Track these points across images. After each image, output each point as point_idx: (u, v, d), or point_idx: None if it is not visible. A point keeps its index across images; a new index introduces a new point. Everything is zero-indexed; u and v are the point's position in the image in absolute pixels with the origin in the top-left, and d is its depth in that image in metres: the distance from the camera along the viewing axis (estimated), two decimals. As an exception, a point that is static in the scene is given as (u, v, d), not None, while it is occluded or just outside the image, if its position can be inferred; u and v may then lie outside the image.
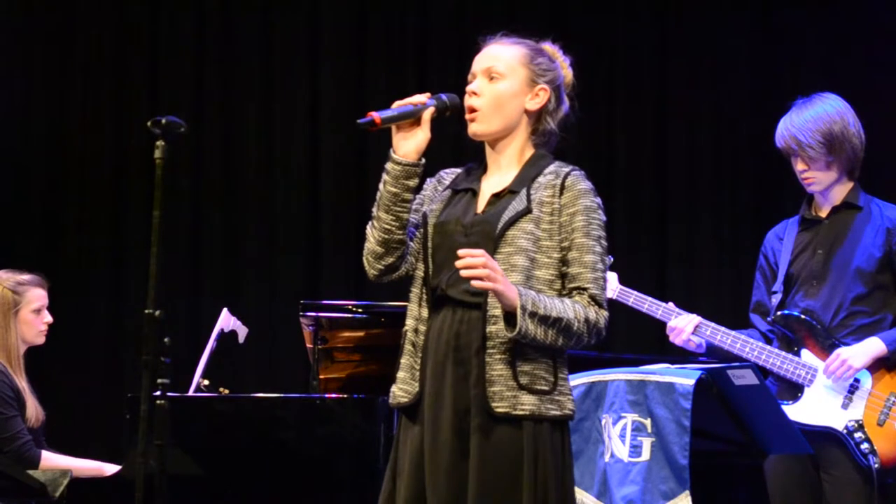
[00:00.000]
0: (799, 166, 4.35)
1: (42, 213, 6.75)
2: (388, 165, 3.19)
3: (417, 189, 3.24)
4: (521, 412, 3.08)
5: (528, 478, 3.07)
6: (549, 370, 3.13)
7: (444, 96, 3.23)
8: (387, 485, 3.21)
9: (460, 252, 3.03)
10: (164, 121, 3.17)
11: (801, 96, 4.39)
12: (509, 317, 3.05)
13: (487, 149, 3.28)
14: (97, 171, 6.75)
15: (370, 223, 3.22)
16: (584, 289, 3.13)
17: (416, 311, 3.21)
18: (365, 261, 3.24)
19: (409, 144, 3.18)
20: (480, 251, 3.02)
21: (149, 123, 3.19)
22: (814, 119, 4.29)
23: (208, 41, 6.79)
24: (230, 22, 6.80)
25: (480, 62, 3.26)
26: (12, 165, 6.74)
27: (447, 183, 3.30)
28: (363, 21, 6.77)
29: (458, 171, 3.32)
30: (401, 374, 3.19)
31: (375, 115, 3.14)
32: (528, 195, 3.16)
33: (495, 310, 3.10)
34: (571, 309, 3.10)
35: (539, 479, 3.07)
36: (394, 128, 3.20)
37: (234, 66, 6.79)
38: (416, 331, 3.19)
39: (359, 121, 3.15)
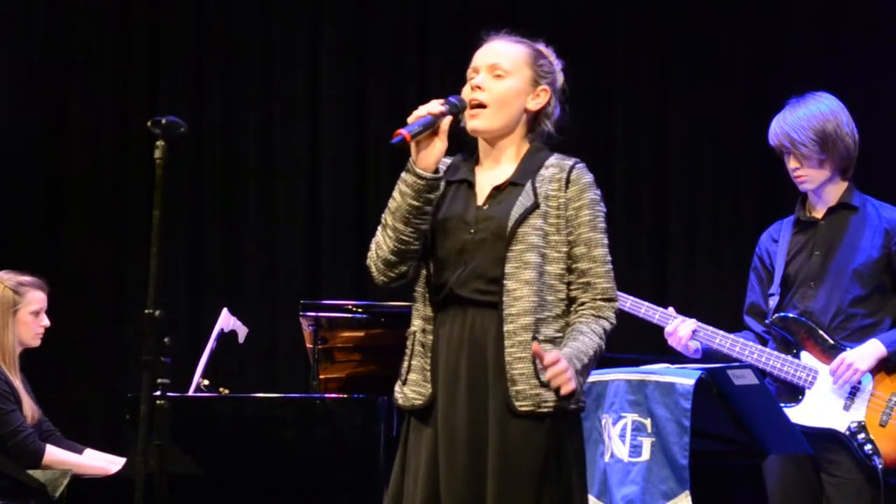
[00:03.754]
0: (791, 164, 4.35)
1: (42, 214, 6.75)
2: (410, 179, 3.12)
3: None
4: (544, 409, 3.09)
5: (552, 471, 3.08)
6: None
7: (454, 99, 3.18)
8: (394, 484, 3.20)
9: (550, 370, 3.01)
10: (164, 121, 3.17)
11: (795, 95, 4.40)
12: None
13: (482, 143, 3.27)
14: (97, 172, 6.75)
15: (381, 231, 3.17)
16: (597, 284, 3.16)
17: (423, 311, 3.19)
18: (374, 267, 3.19)
19: (430, 156, 3.13)
20: (565, 364, 3.02)
21: (149, 123, 3.19)
22: (807, 117, 4.30)
23: (209, 41, 6.79)
24: (230, 22, 6.80)
25: (485, 57, 3.24)
26: (12, 166, 6.74)
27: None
28: (363, 21, 6.77)
29: (445, 160, 3.24)
30: (413, 376, 3.17)
31: (405, 133, 3.08)
32: (535, 189, 3.17)
33: (511, 308, 3.10)
34: (597, 335, 3.13)
35: (563, 471, 3.10)
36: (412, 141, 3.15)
37: (235, 66, 6.79)
38: (423, 331, 3.18)
39: (392, 141, 3.07)
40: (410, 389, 3.18)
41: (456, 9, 6.69)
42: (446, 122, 3.14)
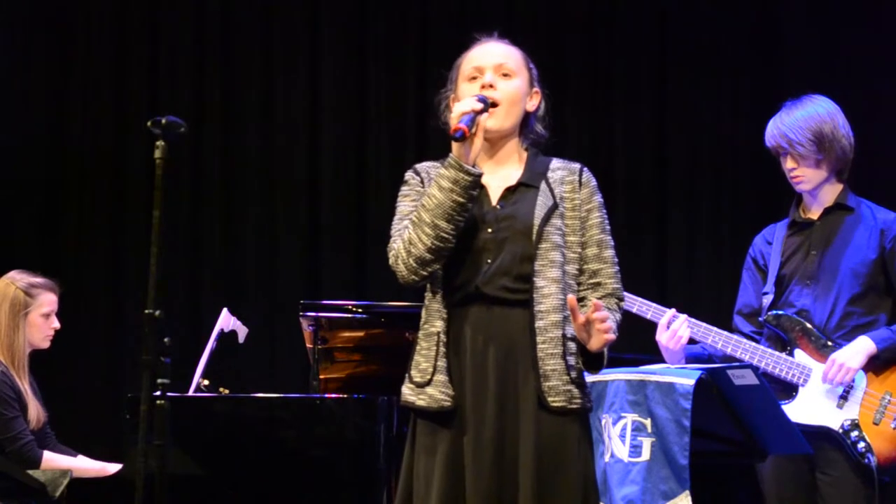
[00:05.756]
0: (788, 164, 4.37)
1: (42, 213, 6.75)
2: (458, 176, 3.10)
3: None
4: (574, 405, 3.15)
5: (575, 462, 3.14)
6: (581, 362, 3.20)
7: (483, 98, 3.19)
8: (403, 487, 3.20)
9: (596, 314, 3.07)
10: (164, 121, 3.18)
11: (792, 98, 4.42)
12: (589, 352, 3.15)
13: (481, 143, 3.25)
14: (97, 171, 6.75)
15: (414, 229, 3.13)
16: (607, 285, 3.23)
17: (442, 311, 3.19)
18: (403, 266, 3.15)
19: (472, 153, 3.14)
20: (607, 313, 3.10)
21: (149, 123, 3.19)
22: (804, 118, 4.33)
23: (208, 41, 6.79)
24: (230, 22, 6.80)
25: (489, 58, 3.27)
26: (12, 166, 6.74)
27: (434, 175, 3.22)
28: (363, 21, 6.77)
29: (435, 164, 3.27)
30: (439, 377, 3.16)
31: (463, 126, 3.09)
32: (551, 190, 3.21)
33: (541, 305, 3.14)
34: (614, 320, 3.19)
35: (583, 461, 3.16)
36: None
37: (235, 65, 6.79)
38: (446, 331, 3.18)
39: (455, 136, 3.09)
40: (438, 391, 3.16)
41: (456, 9, 6.69)
42: (483, 118, 3.16)
